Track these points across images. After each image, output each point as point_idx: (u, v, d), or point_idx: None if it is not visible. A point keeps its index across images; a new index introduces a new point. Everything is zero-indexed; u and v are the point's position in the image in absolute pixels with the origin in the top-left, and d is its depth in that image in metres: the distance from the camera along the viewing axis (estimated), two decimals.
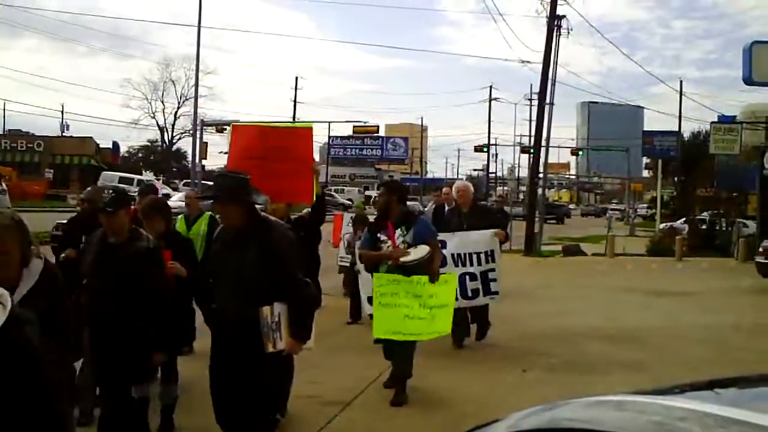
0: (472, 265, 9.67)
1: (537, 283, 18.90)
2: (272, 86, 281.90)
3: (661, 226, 38.56)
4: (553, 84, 31.18)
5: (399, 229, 7.43)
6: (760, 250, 18.87)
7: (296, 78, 77.41)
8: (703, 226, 33.80)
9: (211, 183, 8.16)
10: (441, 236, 8.80)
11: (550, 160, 36.22)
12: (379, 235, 7.54)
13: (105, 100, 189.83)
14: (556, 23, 30.93)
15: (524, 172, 59.54)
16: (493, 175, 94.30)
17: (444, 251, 9.00)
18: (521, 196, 53.99)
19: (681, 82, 51.66)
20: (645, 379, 8.20)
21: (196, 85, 35.57)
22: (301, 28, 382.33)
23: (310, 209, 8.96)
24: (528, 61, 61.97)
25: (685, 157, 43.98)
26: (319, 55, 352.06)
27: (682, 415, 1.91)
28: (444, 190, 13.50)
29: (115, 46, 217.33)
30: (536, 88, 34.61)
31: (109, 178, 55.95)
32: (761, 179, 27.31)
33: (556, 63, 30.89)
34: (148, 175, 68.04)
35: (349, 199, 51.59)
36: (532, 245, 29.33)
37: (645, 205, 76.25)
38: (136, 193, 9.45)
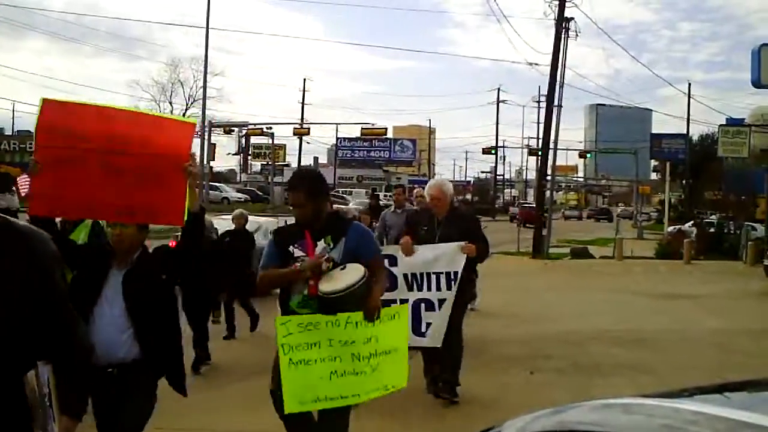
0: (429, 289, 7.23)
1: (545, 286, 18.89)
2: (280, 88, 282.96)
3: (670, 229, 38.45)
4: (561, 86, 31.20)
5: (322, 241, 4.91)
6: None
7: (304, 80, 77.53)
8: (712, 230, 33.72)
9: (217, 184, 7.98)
10: (387, 250, 7.47)
11: (558, 163, 36.20)
12: (291, 249, 4.93)
13: (113, 101, 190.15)
14: (564, 25, 30.92)
15: (532, 175, 59.43)
16: (501, 177, 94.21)
17: (393, 271, 7.15)
18: (530, 198, 53.66)
19: (689, 84, 51.62)
20: (653, 382, 8.18)
21: (204, 86, 35.71)
22: (307, 30, 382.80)
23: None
24: (536, 63, 62.06)
25: (693, 160, 43.87)
26: (327, 57, 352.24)
27: (691, 419, 1.91)
28: (416, 191, 11.51)
29: (121, 47, 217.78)
30: (544, 90, 34.56)
31: None
32: None
33: (564, 65, 30.90)
34: None
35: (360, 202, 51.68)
36: (540, 248, 29.31)
37: (653, 209, 75.95)
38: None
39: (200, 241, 4.81)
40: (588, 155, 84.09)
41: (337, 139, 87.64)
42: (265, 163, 74.96)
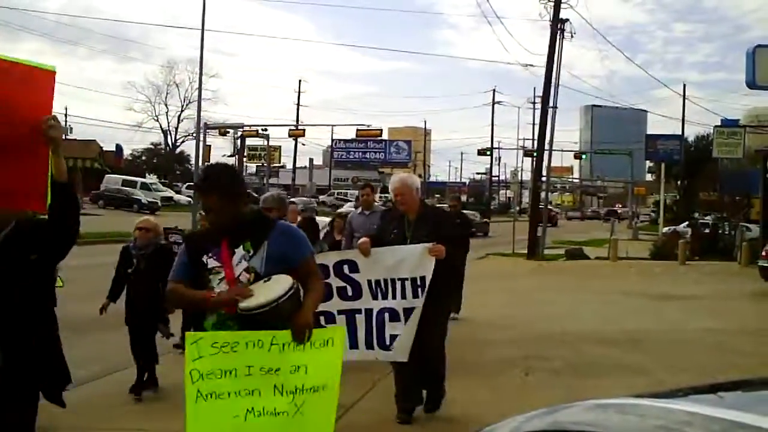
0: (394, 297, 6.38)
1: (540, 287, 18.91)
2: (275, 89, 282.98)
3: (665, 229, 38.53)
4: (557, 88, 31.23)
5: (240, 248, 4.20)
6: (763, 254, 18.84)
7: (299, 81, 77.60)
8: (707, 230, 33.79)
9: None
10: (347, 255, 6.77)
11: (553, 164, 36.34)
12: (205, 258, 4.23)
13: (108, 102, 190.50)
14: (559, 27, 30.96)
15: (527, 176, 59.49)
16: (496, 178, 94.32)
17: (356, 278, 6.45)
18: (525, 200, 53.84)
19: (684, 85, 51.84)
20: (648, 382, 8.18)
21: (200, 88, 35.60)
22: (302, 32, 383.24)
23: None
24: (530, 65, 62.21)
25: (688, 161, 43.96)
26: (321, 58, 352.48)
27: (685, 419, 1.91)
28: (362, 191, 10.09)
29: (116, 48, 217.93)
30: (539, 92, 34.61)
31: (113, 181, 56.09)
32: (764, 183, 27.30)
33: (559, 67, 30.95)
34: (151, 178, 68.17)
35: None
36: (535, 249, 29.33)
37: (650, 210, 76.10)
38: None
39: (71, 217, 3.75)
40: (583, 156, 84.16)
41: (333, 140, 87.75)
42: (260, 164, 74.91)
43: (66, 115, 77.54)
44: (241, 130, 60.41)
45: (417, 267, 6.29)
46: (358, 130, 60.78)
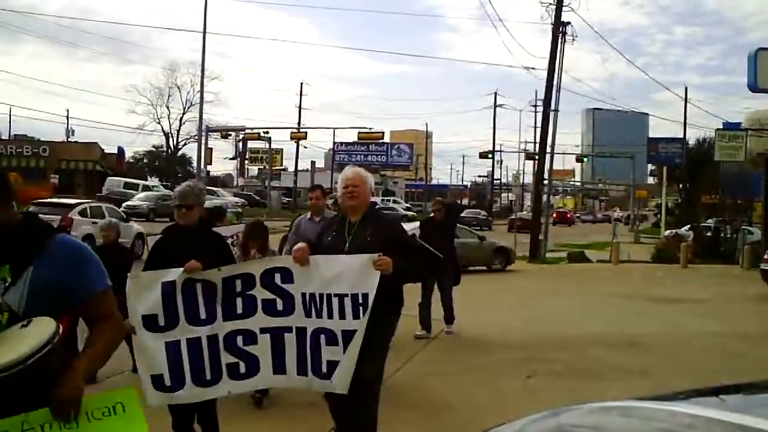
0: (330, 316, 5.15)
1: (542, 290, 18.90)
2: (276, 92, 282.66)
3: (666, 233, 38.50)
4: (558, 91, 31.23)
5: None
6: (766, 257, 18.81)
7: (301, 84, 77.52)
8: (708, 233, 33.76)
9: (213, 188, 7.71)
10: (278, 261, 5.63)
11: (554, 167, 36.27)
12: None
13: (110, 105, 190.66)
14: (560, 30, 30.96)
15: (529, 179, 59.45)
16: (498, 181, 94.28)
17: (289, 289, 5.23)
18: (528, 203, 53.84)
19: (686, 88, 51.64)
20: (650, 385, 8.17)
21: (202, 90, 35.65)
22: (304, 35, 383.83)
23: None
24: (532, 68, 62.06)
25: (690, 164, 43.94)
26: (323, 61, 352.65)
27: (688, 422, 1.91)
28: (312, 194, 8.76)
29: (116, 50, 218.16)
30: (541, 95, 34.61)
31: (115, 183, 56.09)
32: (766, 186, 27.26)
33: (561, 70, 30.95)
34: (153, 181, 68.18)
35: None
36: (537, 252, 29.31)
37: (653, 211, 76.02)
38: None
39: None
40: (585, 159, 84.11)
41: (335, 143, 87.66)
42: (262, 167, 74.99)
43: (68, 117, 77.85)
44: (243, 132, 60.47)
45: (359, 282, 5.06)
46: (359, 132, 60.85)
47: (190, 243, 5.35)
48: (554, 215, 68.16)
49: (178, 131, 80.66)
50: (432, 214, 12.09)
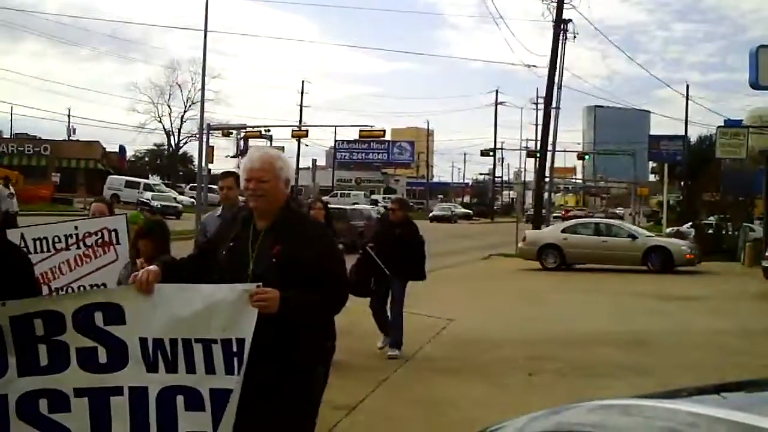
0: (191, 369, 3.65)
1: (543, 288, 18.88)
2: (277, 90, 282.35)
3: (668, 230, 38.44)
4: (559, 88, 31.25)
5: None
6: (767, 254, 18.80)
7: (302, 82, 77.43)
8: (710, 231, 33.73)
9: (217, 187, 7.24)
10: (107, 295, 4.07)
11: (556, 164, 36.27)
12: None
13: (111, 103, 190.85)
14: (562, 27, 30.96)
15: (530, 177, 59.42)
16: (499, 179, 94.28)
17: (117, 334, 3.69)
18: (529, 201, 53.80)
19: (687, 86, 51.52)
20: (652, 383, 8.16)
21: (203, 89, 35.55)
22: (305, 33, 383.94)
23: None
24: (533, 65, 62.12)
25: (691, 162, 43.84)
26: (324, 59, 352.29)
27: (690, 420, 1.91)
28: (223, 182, 7.18)
29: (117, 49, 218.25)
30: (542, 92, 34.61)
31: (116, 182, 56.12)
32: None
33: (562, 67, 30.95)
34: (154, 179, 68.23)
35: (355, 203, 51.25)
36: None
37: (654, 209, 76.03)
38: None
39: None
40: (586, 157, 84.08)
41: (336, 141, 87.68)
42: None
43: (69, 116, 77.95)
44: (244, 130, 60.39)
45: (232, 322, 3.60)
46: (361, 130, 60.72)
47: None
48: (563, 212, 70.99)
49: (180, 129, 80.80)
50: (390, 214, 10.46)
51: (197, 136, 48.56)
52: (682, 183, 50.21)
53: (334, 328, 4.41)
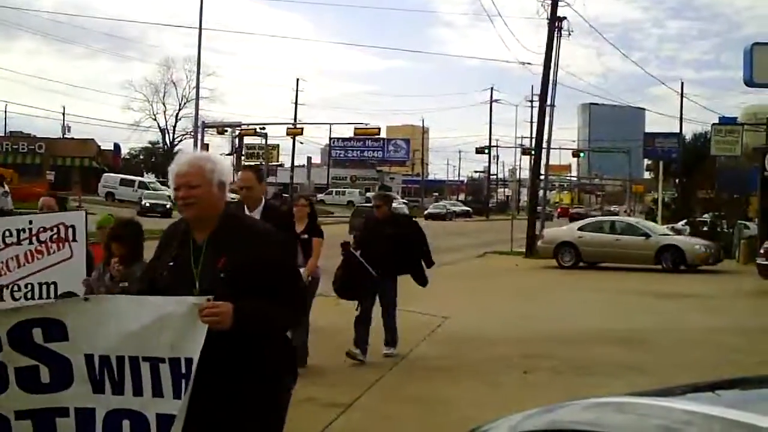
0: (138, 392, 3.34)
1: (538, 285, 18.90)
2: (272, 88, 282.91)
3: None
4: (554, 86, 31.25)
5: None
6: (762, 251, 18.83)
7: (297, 80, 77.34)
8: (705, 228, 33.78)
9: None
10: (46, 309, 3.66)
11: (551, 162, 36.35)
12: None
13: (106, 101, 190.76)
14: (557, 25, 30.97)
15: (525, 174, 59.53)
16: (495, 176, 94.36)
17: (60, 351, 3.43)
18: (524, 198, 53.85)
19: (682, 83, 51.71)
20: (647, 381, 8.17)
21: (197, 87, 35.65)
22: (300, 30, 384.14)
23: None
24: (528, 63, 62.02)
25: (686, 159, 43.94)
26: (319, 57, 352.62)
27: (685, 418, 1.90)
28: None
29: (113, 47, 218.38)
30: (537, 90, 34.66)
31: (111, 180, 56.04)
32: (762, 181, 27.27)
33: (557, 65, 30.96)
34: (149, 177, 68.15)
35: (350, 201, 51.28)
36: (533, 247, 29.29)
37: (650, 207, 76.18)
38: None
39: None
40: (581, 154, 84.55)
41: (331, 139, 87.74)
42: (258, 163, 74.87)
43: (63, 114, 77.86)
44: (239, 128, 60.41)
45: (180, 339, 3.27)
46: (356, 128, 60.89)
47: None
48: (558, 210, 71.63)
49: (174, 127, 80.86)
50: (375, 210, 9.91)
51: (192, 134, 48.50)
52: (677, 180, 50.32)
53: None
